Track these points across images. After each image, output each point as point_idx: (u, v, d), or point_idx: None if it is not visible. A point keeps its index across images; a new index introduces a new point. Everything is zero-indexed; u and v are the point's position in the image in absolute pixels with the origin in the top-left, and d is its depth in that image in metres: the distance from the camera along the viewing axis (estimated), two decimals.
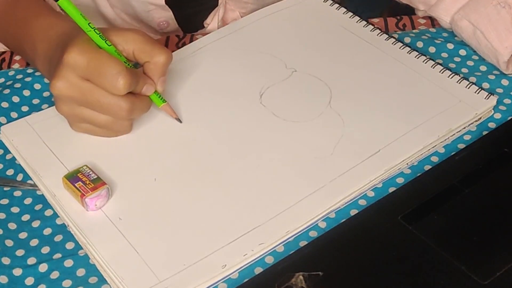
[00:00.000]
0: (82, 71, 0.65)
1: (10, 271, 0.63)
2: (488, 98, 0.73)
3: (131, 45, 0.69)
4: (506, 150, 0.69)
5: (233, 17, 0.91)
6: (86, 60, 0.65)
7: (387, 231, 0.63)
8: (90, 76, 0.65)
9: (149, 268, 0.61)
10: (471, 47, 0.82)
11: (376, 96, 0.75)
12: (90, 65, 0.65)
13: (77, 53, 0.65)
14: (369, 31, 0.82)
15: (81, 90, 0.66)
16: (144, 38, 0.69)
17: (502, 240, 0.62)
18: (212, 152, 0.70)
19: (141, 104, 0.69)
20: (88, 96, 0.66)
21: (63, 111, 0.69)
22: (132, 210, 0.65)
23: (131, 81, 0.66)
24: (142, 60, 0.69)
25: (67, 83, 0.66)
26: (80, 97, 0.66)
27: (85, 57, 0.65)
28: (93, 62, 0.65)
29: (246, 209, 0.65)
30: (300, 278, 0.59)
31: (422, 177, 0.68)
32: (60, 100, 0.68)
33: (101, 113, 0.68)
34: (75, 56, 0.65)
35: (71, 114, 0.69)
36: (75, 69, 0.65)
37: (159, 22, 0.90)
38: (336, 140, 0.70)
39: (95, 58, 0.65)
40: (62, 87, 0.66)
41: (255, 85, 0.77)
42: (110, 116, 0.68)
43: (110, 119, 0.68)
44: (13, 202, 0.69)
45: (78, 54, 0.65)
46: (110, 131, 0.70)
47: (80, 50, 0.65)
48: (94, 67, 0.65)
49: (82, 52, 0.65)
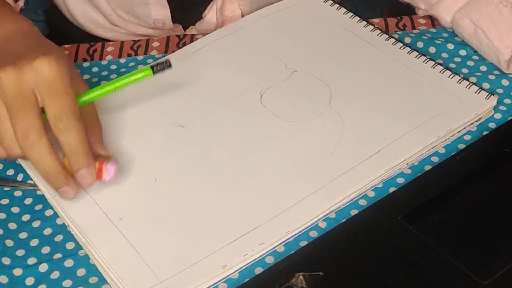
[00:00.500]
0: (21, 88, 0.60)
1: (10, 271, 0.63)
2: (488, 98, 0.73)
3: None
4: (507, 150, 0.69)
5: (231, 8, 0.91)
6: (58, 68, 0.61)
7: (388, 231, 0.63)
8: (14, 101, 0.60)
9: (150, 268, 0.61)
10: (472, 46, 0.82)
11: (376, 96, 0.75)
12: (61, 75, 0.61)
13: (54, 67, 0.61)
14: (369, 31, 0.82)
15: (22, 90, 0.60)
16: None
17: (502, 240, 0.62)
18: (212, 152, 0.70)
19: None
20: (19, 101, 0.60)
21: None
22: (133, 210, 0.65)
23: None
24: None
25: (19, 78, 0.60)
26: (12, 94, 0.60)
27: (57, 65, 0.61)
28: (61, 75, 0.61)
29: (246, 209, 0.65)
30: (301, 278, 0.59)
31: (423, 177, 0.68)
32: None
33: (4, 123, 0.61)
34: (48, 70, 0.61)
35: None
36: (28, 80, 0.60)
37: (155, 19, 0.90)
38: (336, 140, 0.70)
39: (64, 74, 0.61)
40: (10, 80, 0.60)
41: (255, 86, 0.77)
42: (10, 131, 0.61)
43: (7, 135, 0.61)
44: (13, 202, 0.69)
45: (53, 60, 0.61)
46: None
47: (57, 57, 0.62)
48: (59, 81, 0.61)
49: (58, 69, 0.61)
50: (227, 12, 0.91)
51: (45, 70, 0.61)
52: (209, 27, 0.92)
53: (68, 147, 0.61)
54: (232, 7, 0.91)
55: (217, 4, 0.90)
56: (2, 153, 0.62)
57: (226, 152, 0.70)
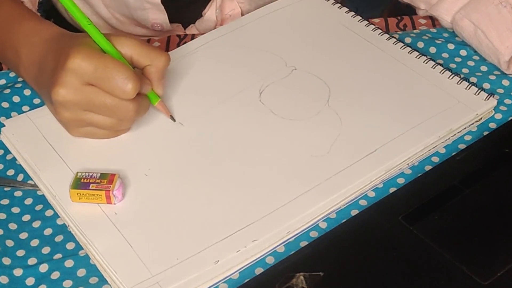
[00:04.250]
0: (88, 76, 0.65)
1: (11, 271, 0.63)
2: (488, 99, 0.73)
3: (129, 51, 0.69)
4: (507, 151, 0.69)
5: (231, 6, 0.91)
6: (92, 65, 0.65)
7: (388, 231, 0.63)
8: (97, 81, 0.65)
9: (142, 262, 0.61)
10: (472, 46, 0.82)
11: (375, 95, 0.75)
12: (97, 70, 0.65)
13: (82, 59, 0.65)
14: (371, 30, 0.82)
15: (86, 95, 0.66)
16: (140, 42, 0.69)
17: (502, 240, 0.62)
18: (209, 148, 0.70)
19: (144, 103, 0.70)
20: (94, 101, 0.66)
21: (64, 117, 0.68)
22: (127, 205, 0.66)
23: (138, 84, 0.66)
24: (142, 65, 0.69)
25: (71, 88, 0.65)
26: (85, 102, 0.66)
27: (91, 62, 0.65)
28: (100, 68, 0.65)
29: (240, 206, 0.65)
30: (301, 278, 0.59)
31: (423, 177, 0.68)
32: (63, 107, 0.67)
33: (108, 116, 0.68)
34: (80, 62, 0.65)
35: (73, 119, 0.68)
36: (79, 74, 0.65)
37: (153, 23, 0.90)
38: (333, 138, 0.70)
39: (102, 64, 0.65)
40: (66, 93, 0.66)
41: (254, 83, 0.77)
42: (116, 118, 0.68)
43: (115, 121, 0.69)
44: (13, 202, 0.69)
45: (83, 60, 0.65)
46: (112, 133, 0.71)
47: (85, 55, 0.65)
48: (102, 72, 0.65)
49: (87, 58, 0.65)
50: (226, 10, 0.91)
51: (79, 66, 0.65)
52: (209, 25, 0.92)
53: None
54: (232, 5, 0.91)
55: (217, 2, 0.90)
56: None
57: (223, 148, 0.70)
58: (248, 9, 0.90)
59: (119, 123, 0.69)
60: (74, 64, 0.65)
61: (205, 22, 0.93)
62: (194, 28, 0.94)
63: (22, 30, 0.74)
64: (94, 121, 0.68)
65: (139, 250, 0.62)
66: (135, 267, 0.61)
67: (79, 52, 0.65)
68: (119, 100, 0.66)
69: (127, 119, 0.69)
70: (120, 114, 0.68)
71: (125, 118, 0.69)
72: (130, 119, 0.69)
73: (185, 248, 0.62)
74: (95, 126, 0.69)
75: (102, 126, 0.69)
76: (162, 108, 0.72)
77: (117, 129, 0.70)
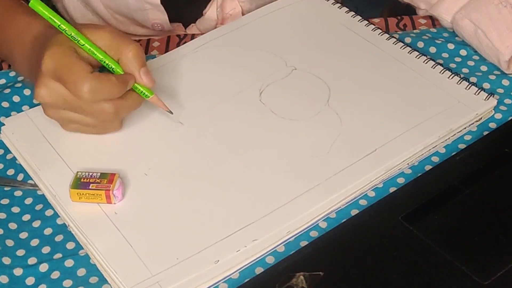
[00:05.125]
0: (56, 76, 0.65)
1: (11, 271, 0.63)
2: (488, 99, 0.73)
3: (101, 44, 0.68)
4: (507, 151, 0.69)
5: (232, 6, 0.91)
6: (55, 65, 0.65)
7: (388, 231, 0.63)
8: (62, 82, 0.65)
9: (142, 262, 0.61)
10: (472, 46, 0.82)
11: (375, 95, 0.75)
12: (58, 71, 0.65)
13: (48, 59, 0.65)
14: (371, 30, 0.82)
15: (62, 96, 0.66)
16: (111, 34, 0.68)
17: (502, 240, 0.62)
18: (209, 148, 0.70)
19: (126, 103, 0.68)
20: (69, 101, 0.66)
21: (50, 115, 0.69)
22: (127, 205, 0.66)
23: (95, 85, 0.64)
24: (115, 58, 0.69)
25: (48, 89, 0.65)
26: (62, 102, 0.66)
27: (55, 61, 0.65)
28: (60, 69, 0.65)
29: (240, 205, 0.65)
30: (301, 278, 0.59)
31: (423, 177, 0.68)
32: (45, 106, 0.68)
33: (86, 116, 0.68)
34: (49, 62, 0.65)
35: (58, 117, 0.69)
36: (51, 75, 0.65)
37: (153, 23, 0.90)
38: (333, 138, 0.70)
39: (61, 64, 0.65)
40: (44, 95, 0.66)
41: (254, 83, 0.77)
42: (97, 119, 0.68)
43: (96, 121, 0.68)
44: (13, 202, 0.69)
45: (49, 60, 0.65)
46: (99, 130, 0.70)
47: (51, 54, 0.65)
48: (61, 74, 0.65)
49: (52, 57, 0.65)
50: (227, 9, 0.91)
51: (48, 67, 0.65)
52: (210, 24, 0.92)
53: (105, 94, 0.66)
54: (233, 4, 0.91)
55: (218, 1, 0.90)
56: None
57: (223, 148, 0.70)
58: (248, 8, 0.90)
59: (101, 122, 0.69)
60: (44, 64, 0.65)
61: (205, 21, 0.93)
62: (195, 28, 0.94)
63: (15, 26, 0.73)
64: (76, 120, 0.68)
65: (139, 250, 0.62)
66: (135, 267, 0.61)
67: (48, 51, 0.65)
68: (94, 103, 0.66)
69: (107, 121, 0.68)
70: (97, 116, 0.67)
71: (104, 120, 0.68)
72: (109, 120, 0.68)
73: (185, 248, 0.62)
74: (80, 124, 0.69)
75: (85, 124, 0.69)
76: (156, 102, 0.71)
77: (101, 127, 0.70)
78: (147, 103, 0.72)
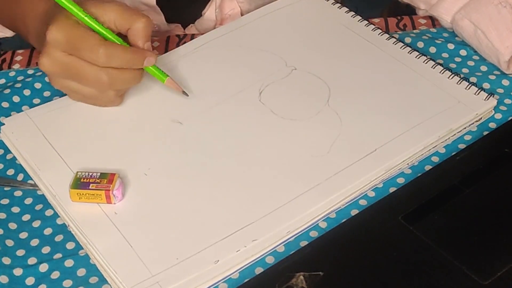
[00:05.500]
0: (63, 46, 0.68)
1: (11, 271, 0.63)
2: (488, 99, 0.73)
3: (111, 16, 0.71)
4: (507, 150, 0.69)
5: (231, 6, 0.91)
6: (65, 36, 0.68)
7: (388, 231, 0.63)
8: (72, 51, 0.68)
9: (142, 262, 0.61)
10: (472, 47, 0.82)
11: (375, 95, 0.75)
12: (69, 40, 0.68)
13: (56, 30, 0.68)
14: (370, 30, 0.82)
15: (64, 64, 0.69)
16: (121, 7, 0.71)
17: (502, 240, 0.62)
18: (209, 148, 0.70)
19: (122, 75, 0.70)
20: (71, 70, 0.69)
21: (55, 85, 0.72)
22: (127, 205, 0.66)
23: (111, 51, 0.68)
24: (124, 28, 0.71)
25: (51, 59, 0.69)
26: (63, 71, 0.70)
27: (63, 33, 0.68)
28: (72, 37, 0.68)
29: (240, 205, 0.65)
30: (301, 278, 0.59)
31: (423, 177, 0.68)
32: (50, 76, 0.72)
33: (86, 85, 0.71)
34: (55, 33, 0.68)
35: (62, 87, 0.72)
36: (56, 45, 0.68)
37: None
38: (333, 138, 0.70)
39: (73, 34, 0.68)
40: (46, 64, 0.69)
41: (254, 83, 0.77)
42: (94, 88, 0.71)
43: (94, 91, 0.71)
44: (13, 202, 0.69)
45: (57, 31, 0.68)
46: (99, 101, 0.73)
47: (59, 27, 0.68)
48: (74, 42, 0.68)
49: (60, 29, 0.68)
50: (226, 9, 0.91)
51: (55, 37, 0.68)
52: (209, 25, 0.92)
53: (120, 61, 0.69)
54: (232, 4, 0.91)
55: (216, 1, 0.90)
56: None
57: (223, 148, 0.70)
58: (248, 8, 0.90)
59: (98, 93, 0.71)
60: (50, 35, 0.68)
61: (204, 22, 0.93)
62: (194, 28, 0.94)
63: (29, 1, 0.77)
64: (78, 90, 0.71)
65: (139, 250, 0.62)
66: (135, 267, 0.61)
67: (55, 23, 0.68)
68: (91, 70, 0.68)
69: (102, 90, 0.71)
70: (93, 84, 0.70)
71: (100, 88, 0.71)
72: (105, 89, 0.71)
73: (185, 248, 0.62)
74: (81, 95, 0.72)
75: (86, 95, 0.72)
76: (171, 85, 0.73)
77: (99, 99, 0.73)
78: (147, 103, 0.72)
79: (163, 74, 0.73)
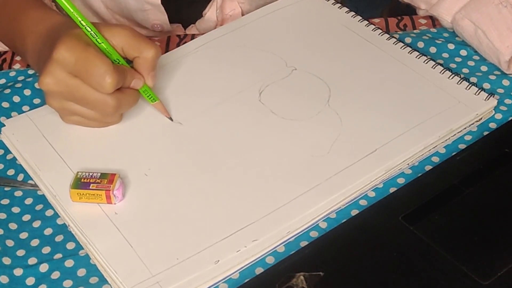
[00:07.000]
0: (70, 67, 0.66)
1: (11, 271, 0.63)
2: (488, 99, 0.73)
3: (119, 41, 0.69)
4: (507, 151, 0.69)
5: (231, 6, 0.91)
6: (74, 57, 0.66)
7: (388, 231, 0.63)
8: (78, 73, 0.66)
9: (142, 262, 0.61)
10: (472, 46, 0.82)
11: (375, 95, 0.75)
12: (78, 62, 0.66)
13: (65, 50, 0.66)
14: (371, 30, 0.82)
15: (68, 86, 0.67)
16: (131, 33, 0.70)
17: (503, 240, 0.62)
18: (209, 148, 0.70)
19: (127, 99, 0.70)
20: (75, 92, 0.67)
21: (52, 105, 0.70)
22: (127, 205, 0.66)
23: (118, 79, 0.66)
24: (131, 56, 0.70)
25: (55, 79, 0.67)
26: (67, 92, 0.67)
27: (73, 54, 0.66)
28: (81, 60, 0.66)
29: (241, 206, 0.65)
30: (301, 278, 0.59)
31: (423, 177, 0.68)
32: (49, 95, 0.69)
33: (89, 109, 0.69)
34: (64, 53, 0.66)
35: (60, 108, 0.70)
36: (63, 65, 0.66)
37: (153, 24, 0.90)
38: (333, 138, 0.70)
39: (83, 56, 0.66)
40: (50, 83, 0.67)
41: (254, 83, 0.77)
42: (97, 112, 0.69)
43: (97, 114, 0.70)
44: (13, 202, 0.69)
45: (66, 51, 0.66)
46: (99, 123, 0.72)
47: (69, 46, 0.66)
48: (82, 65, 0.66)
49: (70, 49, 0.66)
50: (227, 10, 0.91)
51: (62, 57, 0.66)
52: (209, 25, 0.92)
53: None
54: (232, 5, 0.91)
55: (217, 2, 0.90)
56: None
57: (223, 148, 0.70)
58: (248, 9, 0.90)
59: (102, 116, 0.70)
60: (58, 54, 0.66)
61: (205, 22, 0.93)
62: (194, 28, 0.94)
63: (29, 19, 0.75)
64: (78, 112, 0.70)
65: (139, 250, 0.62)
66: (135, 267, 0.61)
67: (65, 43, 0.66)
68: (98, 95, 0.67)
69: (107, 114, 0.70)
70: (99, 108, 0.69)
71: (105, 112, 0.69)
72: (109, 114, 0.70)
73: (185, 248, 0.62)
74: (81, 117, 0.70)
75: (87, 117, 0.70)
76: (160, 108, 0.73)
77: (102, 121, 0.71)
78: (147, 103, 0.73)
79: (155, 96, 0.72)
